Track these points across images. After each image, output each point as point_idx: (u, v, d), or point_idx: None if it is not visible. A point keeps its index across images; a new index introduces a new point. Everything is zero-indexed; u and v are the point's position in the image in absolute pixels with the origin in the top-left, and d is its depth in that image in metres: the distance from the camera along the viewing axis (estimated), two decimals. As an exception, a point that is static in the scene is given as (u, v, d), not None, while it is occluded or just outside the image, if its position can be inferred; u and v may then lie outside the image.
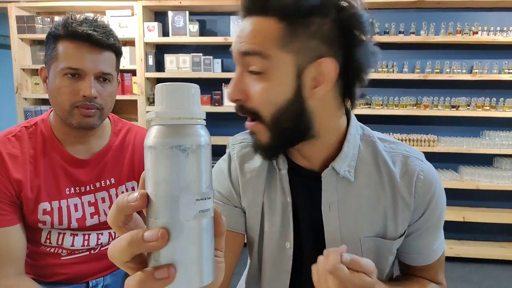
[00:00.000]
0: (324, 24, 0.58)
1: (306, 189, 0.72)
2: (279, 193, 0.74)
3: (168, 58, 2.72)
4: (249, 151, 0.78)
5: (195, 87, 0.32)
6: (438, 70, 2.63)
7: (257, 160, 0.77)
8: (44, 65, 0.97)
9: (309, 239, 0.74)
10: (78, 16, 0.94)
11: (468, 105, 2.64)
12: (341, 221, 0.70)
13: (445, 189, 0.73)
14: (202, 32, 2.80)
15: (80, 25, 0.91)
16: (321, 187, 0.70)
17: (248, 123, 0.65)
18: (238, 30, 0.63)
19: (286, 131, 0.63)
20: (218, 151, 3.18)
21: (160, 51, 2.83)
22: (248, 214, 0.78)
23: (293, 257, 0.73)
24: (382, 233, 0.70)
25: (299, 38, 0.58)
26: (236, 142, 0.82)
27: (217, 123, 2.94)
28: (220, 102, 2.75)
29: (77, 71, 0.91)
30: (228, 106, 2.73)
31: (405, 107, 2.64)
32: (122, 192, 1.06)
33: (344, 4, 0.59)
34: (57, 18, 2.69)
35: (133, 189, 1.08)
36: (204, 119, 0.32)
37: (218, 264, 0.37)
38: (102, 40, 0.92)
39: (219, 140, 2.87)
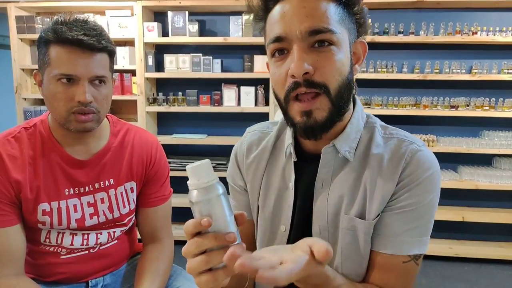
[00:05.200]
0: (362, 11, 0.69)
1: (307, 173, 0.76)
2: (278, 179, 0.79)
3: (168, 58, 2.72)
4: (259, 138, 0.85)
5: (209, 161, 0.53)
6: (438, 70, 2.63)
7: (263, 146, 0.83)
8: (38, 69, 0.97)
9: (300, 221, 0.77)
10: (68, 18, 0.92)
11: (468, 105, 2.64)
12: (330, 197, 0.73)
13: (445, 189, 0.73)
14: (202, 32, 2.80)
15: (70, 30, 0.89)
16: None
17: (307, 103, 0.65)
18: (289, 11, 0.64)
19: (343, 106, 0.68)
20: (217, 151, 3.19)
21: (159, 51, 2.83)
22: (249, 195, 0.85)
23: (288, 240, 0.78)
24: (360, 213, 0.71)
25: (350, 19, 0.68)
26: (251, 130, 0.89)
27: (216, 123, 2.94)
28: (219, 102, 2.75)
29: (71, 76, 0.91)
30: (228, 106, 2.74)
31: (405, 107, 2.65)
32: (121, 193, 1.07)
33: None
34: (56, 18, 2.68)
35: (131, 189, 1.09)
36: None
37: None
38: (93, 45, 0.91)
39: (218, 140, 2.88)
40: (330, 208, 0.73)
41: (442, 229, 2.71)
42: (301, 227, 0.77)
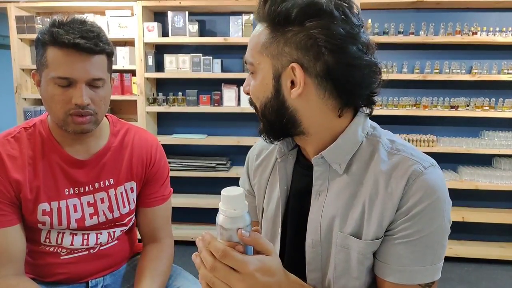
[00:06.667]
0: (299, 32, 0.63)
1: (304, 178, 0.76)
2: (279, 181, 0.80)
3: (168, 58, 2.72)
4: None
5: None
6: (438, 71, 2.63)
7: (271, 149, 0.85)
8: (36, 70, 0.96)
9: (296, 229, 0.77)
10: (65, 18, 0.91)
11: (468, 105, 2.64)
12: (324, 211, 0.72)
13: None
14: (202, 32, 2.80)
15: (67, 33, 0.88)
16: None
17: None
18: None
19: (272, 123, 0.71)
20: (218, 151, 3.18)
21: (159, 51, 2.83)
22: (256, 196, 0.88)
23: (281, 243, 0.80)
24: (356, 232, 0.69)
25: (276, 44, 0.66)
26: None
27: (216, 123, 2.94)
28: (219, 102, 2.75)
29: (68, 79, 0.90)
30: (228, 106, 2.74)
31: (405, 107, 2.65)
32: (121, 193, 1.07)
33: (317, 18, 0.62)
34: (56, 18, 2.68)
35: (131, 189, 1.09)
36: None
37: None
38: (91, 48, 0.90)
39: (218, 141, 2.88)
40: (323, 223, 0.71)
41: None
42: (296, 235, 0.77)
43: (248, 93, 0.74)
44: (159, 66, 2.79)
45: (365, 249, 0.68)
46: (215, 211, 0.58)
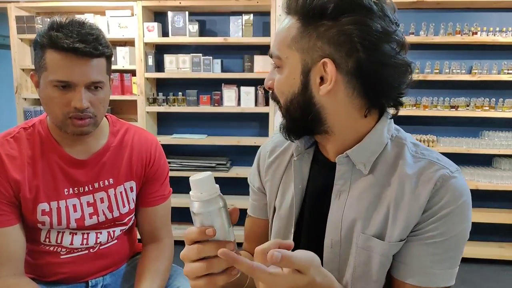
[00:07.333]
0: (333, 27, 0.61)
1: (323, 178, 0.75)
2: (295, 180, 0.78)
3: (168, 58, 2.72)
4: (283, 139, 0.84)
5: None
6: (438, 71, 2.63)
7: (286, 147, 0.83)
8: (34, 71, 0.96)
9: (313, 230, 0.76)
10: (64, 20, 0.90)
11: (468, 106, 2.64)
12: (345, 211, 0.70)
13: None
14: (202, 32, 2.80)
15: (66, 37, 0.87)
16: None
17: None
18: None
19: (297, 120, 0.70)
20: (218, 151, 3.17)
21: (159, 51, 2.83)
22: (267, 194, 0.85)
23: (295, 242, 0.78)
24: (380, 234, 0.68)
25: (308, 38, 0.64)
26: (278, 132, 0.89)
27: (216, 123, 2.94)
28: (219, 103, 2.75)
29: (67, 83, 0.90)
30: (228, 106, 2.74)
31: (405, 107, 2.65)
32: (121, 193, 1.07)
33: (353, 13, 0.60)
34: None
35: (131, 189, 1.09)
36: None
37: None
38: (90, 52, 0.89)
39: (218, 141, 2.88)
40: (344, 224, 0.70)
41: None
42: (313, 236, 0.75)
43: (270, 88, 0.72)
44: (159, 66, 2.79)
45: (388, 251, 0.67)
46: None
